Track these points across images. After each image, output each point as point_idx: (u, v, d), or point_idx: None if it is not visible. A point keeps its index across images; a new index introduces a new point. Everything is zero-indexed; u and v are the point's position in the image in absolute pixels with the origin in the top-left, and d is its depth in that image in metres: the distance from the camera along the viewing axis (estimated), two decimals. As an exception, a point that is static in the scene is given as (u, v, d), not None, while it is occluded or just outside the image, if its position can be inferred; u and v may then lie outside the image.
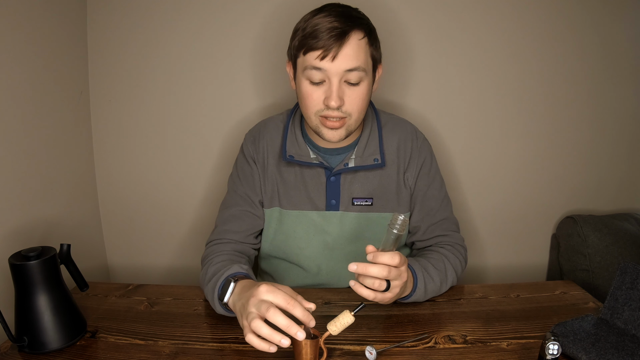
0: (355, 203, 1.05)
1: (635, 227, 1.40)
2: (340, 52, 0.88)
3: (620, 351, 0.75)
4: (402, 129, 1.10)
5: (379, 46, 0.98)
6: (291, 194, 1.07)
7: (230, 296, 0.83)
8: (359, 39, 0.90)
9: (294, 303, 0.72)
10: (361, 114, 0.97)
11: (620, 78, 1.42)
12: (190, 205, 1.48)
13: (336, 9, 0.92)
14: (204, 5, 1.35)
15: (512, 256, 1.54)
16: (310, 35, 0.89)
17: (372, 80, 0.97)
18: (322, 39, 0.88)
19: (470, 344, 0.83)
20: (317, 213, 1.06)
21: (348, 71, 0.90)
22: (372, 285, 0.77)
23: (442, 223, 1.08)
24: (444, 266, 0.99)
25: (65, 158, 1.29)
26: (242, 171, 1.11)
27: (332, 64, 0.89)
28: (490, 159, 1.47)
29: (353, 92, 0.93)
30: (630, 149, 1.48)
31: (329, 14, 0.90)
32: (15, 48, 1.07)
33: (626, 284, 0.84)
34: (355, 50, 0.90)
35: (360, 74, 0.91)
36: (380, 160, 1.04)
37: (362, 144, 1.05)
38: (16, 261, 0.80)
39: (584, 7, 1.36)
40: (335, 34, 0.88)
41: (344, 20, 0.89)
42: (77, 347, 0.84)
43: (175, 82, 1.40)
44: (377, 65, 0.99)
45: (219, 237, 1.06)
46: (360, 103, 0.95)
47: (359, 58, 0.90)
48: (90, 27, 1.36)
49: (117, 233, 1.51)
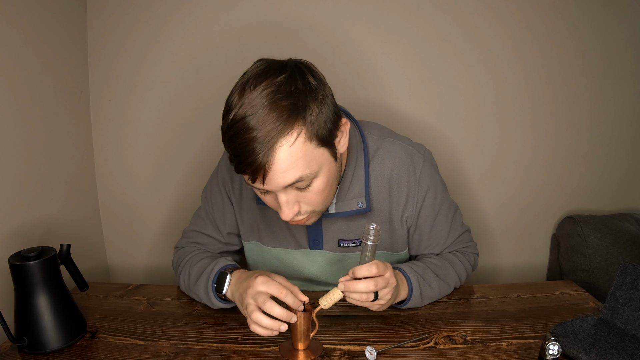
0: (342, 245, 0.95)
1: (635, 227, 1.40)
2: (268, 173, 0.70)
3: (620, 351, 0.75)
4: (395, 156, 0.92)
5: (328, 120, 0.74)
6: (273, 230, 0.97)
7: (228, 287, 0.87)
8: (290, 146, 0.70)
9: (286, 292, 0.77)
10: (327, 200, 0.82)
11: (620, 78, 1.42)
12: (191, 205, 1.48)
13: (255, 100, 0.69)
14: (204, 6, 1.35)
15: (512, 256, 1.54)
16: (232, 154, 0.72)
17: (332, 162, 0.78)
18: (244, 162, 0.70)
19: (470, 344, 0.83)
20: (300, 252, 0.98)
21: (289, 185, 0.73)
22: (360, 298, 0.78)
23: (454, 245, 1.02)
24: (446, 273, 0.97)
25: (65, 158, 1.29)
26: (213, 198, 1.02)
27: (265, 185, 0.73)
28: (490, 159, 1.47)
29: (308, 193, 0.77)
30: (630, 149, 1.48)
31: (247, 116, 0.68)
32: (15, 48, 1.07)
33: (626, 284, 0.84)
34: (288, 163, 0.70)
35: (307, 180, 0.74)
36: (364, 204, 0.89)
37: (345, 184, 0.89)
38: (16, 261, 0.80)
39: (585, 7, 1.36)
40: (255, 157, 0.69)
41: (265, 127, 0.68)
42: (77, 347, 0.84)
43: (175, 81, 1.40)
44: (334, 136, 0.78)
45: (187, 245, 1.06)
46: (320, 197, 0.79)
47: (297, 167, 0.71)
48: (90, 27, 1.36)
49: (117, 233, 1.51)
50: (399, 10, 1.35)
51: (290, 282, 0.83)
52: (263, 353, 0.81)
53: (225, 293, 0.87)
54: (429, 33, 1.37)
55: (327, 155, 0.77)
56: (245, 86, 0.71)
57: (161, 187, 1.48)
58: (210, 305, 0.93)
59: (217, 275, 0.89)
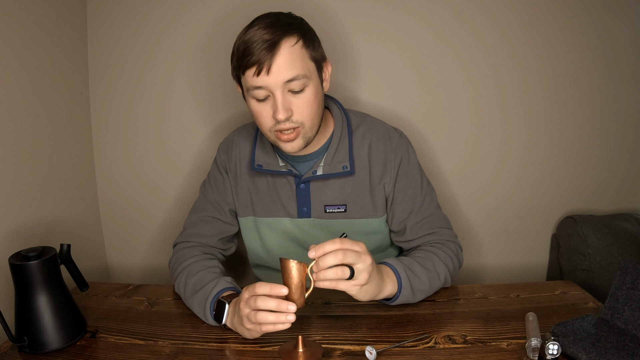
0: (327, 210, 1.04)
1: (635, 227, 1.40)
2: (273, 64, 0.86)
3: (620, 351, 0.75)
4: (374, 131, 1.06)
5: (318, 45, 0.94)
6: (265, 202, 1.07)
7: (227, 317, 0.87)
8: (292, 46, 0.87)
9: (262, 285, 0.77)
10: (314, 119, 0.94)
11: (620, 78, 1.42)
12: (191, 205, 1.48)
13: (266, 20, 0.89)
14: (203, 6, 1.35)
15: (512, 256, 1.54)
16: (244, 52, 0.87)
17: (319, 82, 0.94)
18: (254, 54, 0.86)
19: (470, 344, 0.83)
20: (289, 220, 1.06)
21: (288, 82, 0.87)
22: (336, 275, 0.76)
23: (427, 220, 1.05)
24: (433, 263, 0.97)
25: (65, 158, 1.29)
26: (214, 179, 1.12)
27: (268, 78, 0.86)
28: (491, 159, 1.47)
29: (299, 100, 0.90)
30: (630, 149, 1.48)
31: (259, 27, 0.88)
32: (15, 48, 1.07)
33: (627, 284, 0.84)
34: (288, 59, 0.86)
35: (302, 82, 0.88)
36: (349, 167, 1.01)
37: (331, 150, 1.03)
38: (16, 261, 0.80)
39: (585, 7, 1.36)
40: (265, 46, 0.85)
41: (274, 30, 0.86)
42: (77, 347, 0.84)
43: (175, 81, 1.40)
44: (322, 65, 0.95)
45: (187, 239, 1.08)
46: (310, 109, 0.92)
47: (296, 66, 0.87)
48: (90, 27, 1.37)
49: (117, 233, 1.51)
50: (397, 9, 1.35)
51: (285, 250, 1.04)
52: (263, 353, 0.81)
53: (225, 323, 0.88)
54: (427, 33, 1.37)
55: (316, 74, 0.93)
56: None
57: (161, 187, 1.48)
58: (203, 320, 0.93)
59: (214, 302, 0.89)
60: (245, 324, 0.79)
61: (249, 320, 0.78)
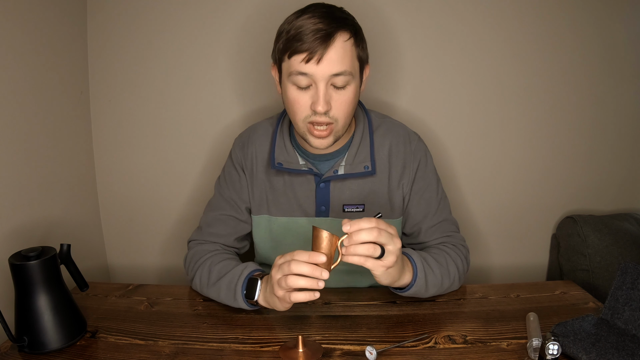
0: (346, 210, 1.04)
1: (635, 227, 1.40)
2: (325, 55, 0.86)
3: (620, 351, 0.75)
4: (395, 132, 1.06)
5: (365, 46, 0.95)
6: (280, 201, 1.05)
7: (259, 293, 0.88)
8: (345, 41, 0.88)
9: (301, 252, 0.78)
10: (348, 118, 0.94)
11: (620, 78, 1.42)
12: (191, 205, 1.48)
13: (320, 9, 0.90)
14: (203, 6, 1.35)
15: (512, 256, 1.54)
16: (295, 37, 0.87)
17: (359, 83, 0.95)
18: (307, 41, 0.85)
19: (470, 344, 0.83)
20: (306, 219, 1.05)
21: (334, 75, 0.88)
22: (367, 251, 0.76)
23: (441, 225, 1.07)
24: (445, 260, 0.97)
25: (65, 158, 1.29)
26: (230, 176, 1.10)
27: (317, 68, 0.86)
28: (491, 159, 1.47)
29: (340, 96, 0.90)
30: (630, 149, 1.48)
31: (313, 15, 0.87)
32: (15, 48, 1.07)
33: (627, 284, 0.84)
34: (340, 53, 0.87)
35: (346, 78, 0.89)
36: (370, 167, 1.02)
37: (352, 150, 1.03)
38: (16, 261, 0.80)
39: (585, 7, 1.36)
40: (320, 36, 0.85)
41: (329, 22, 0.86)
42: (77, 347, 0.84)
43: (175, 82, 1.40)
44: (364, 67, 0.96)
45: (204, 238, 1.08)
46: (347, 108, 0.92)
47: (345, 61, 0.88)
48: (90, 27, 1.36)
49: (117, 233, 1.51)
50: (398, 10, 1.35)
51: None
52: (263, 353, 0.81)
53: (257, 299, 0.88)
54: (428, 33, 1.37)
55: (358, 74, 0.93)
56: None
57: (161, 187, 1.48)
58: (229, 304, 0.93)
59: (247, 279, 0.90)
60: (277, 291, 0.80)
61: (280, 286, 0.79)
